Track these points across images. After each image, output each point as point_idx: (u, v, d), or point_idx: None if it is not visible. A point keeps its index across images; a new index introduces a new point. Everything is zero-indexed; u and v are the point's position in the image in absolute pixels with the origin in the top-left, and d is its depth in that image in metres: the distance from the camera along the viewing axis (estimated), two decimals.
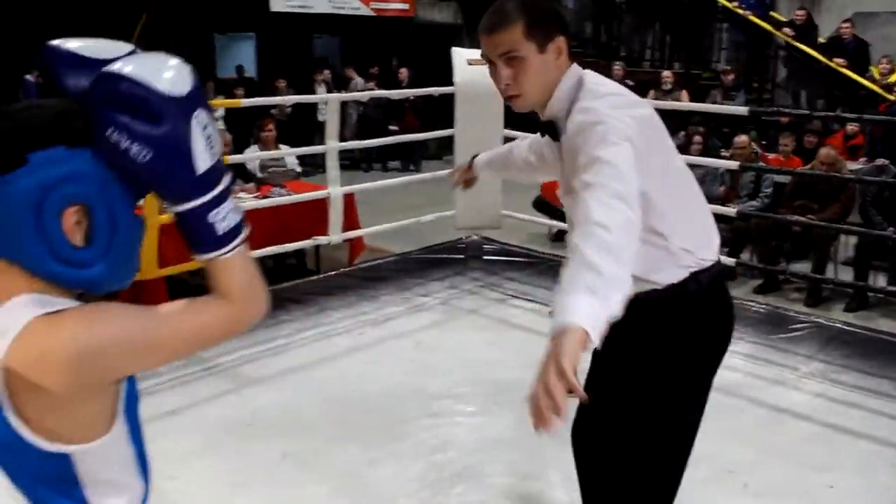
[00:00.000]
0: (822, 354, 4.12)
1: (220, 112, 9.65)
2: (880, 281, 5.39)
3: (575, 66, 1.75)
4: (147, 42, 9.99)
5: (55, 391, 0.94)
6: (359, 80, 11.29)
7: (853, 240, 5.35)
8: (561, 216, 4.25)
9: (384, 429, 3.39)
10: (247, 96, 9.84)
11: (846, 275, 5.53)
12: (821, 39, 10.01)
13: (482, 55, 1.75)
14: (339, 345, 4.30)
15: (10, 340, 0.93)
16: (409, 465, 3.10)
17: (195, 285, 5.08)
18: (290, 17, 10.99)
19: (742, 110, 7.60)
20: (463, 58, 4.86)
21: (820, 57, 9.61)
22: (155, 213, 4.27)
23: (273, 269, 5.41)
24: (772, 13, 10.61)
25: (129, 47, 1.05)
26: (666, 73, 9.52)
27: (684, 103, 8.01)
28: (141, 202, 4.14)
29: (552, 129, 1.78)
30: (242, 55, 13.59)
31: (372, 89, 10.49)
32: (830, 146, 6.32)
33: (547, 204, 6.49)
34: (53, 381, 0.93)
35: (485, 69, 1.77)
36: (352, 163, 10.77)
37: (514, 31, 1.66)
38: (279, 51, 12.51)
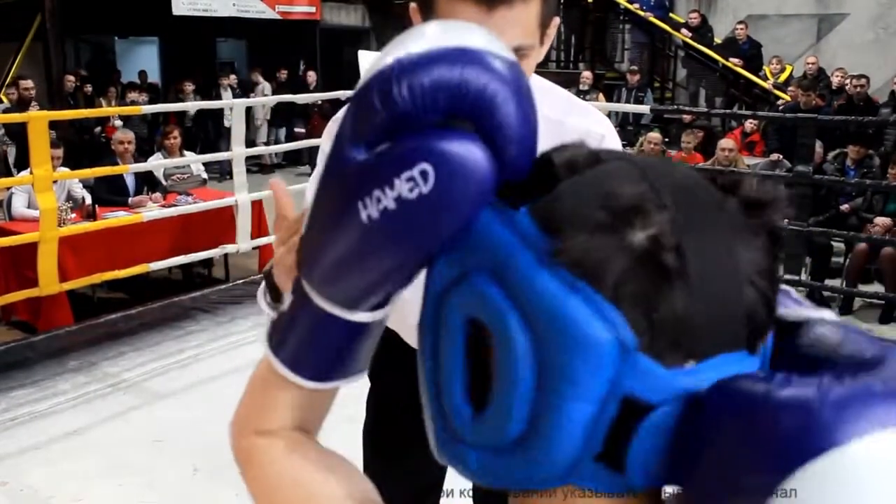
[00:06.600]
0: None
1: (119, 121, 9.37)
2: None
3: None
4: (43, 45, 9.61)
5: None
6: (265, 85, 11.12)
7: None
8: None
9: None
10: (150, 102, 9.59)
11: None
12: (717, 40, 10.40)
13: None
14: (250, 355, 4.21)
15: None
16: None
17: (100, 300, 4.90)
18: (194, 21, 10.73)
19: (644, 109, 7.84)
20: (369, 61, 4.83)
21: (717, 57, 10.00)
22: (53, 225, 4.11)
23: (181, 280, 5.28)
24: (671, 14, 10.96)
25: None
26: (585, 74, 9.63)
27: (600, 103, 8.16)
28: (35, 213, 3.99)
29: None
30: (145, 60, 13.24)
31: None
32: (728, 139, 6.59)
33: None
34: None
35: None
36: (261, 168, 10.61)
37: (531, 9, 0.99)
38: (183, 55, 12.22)
